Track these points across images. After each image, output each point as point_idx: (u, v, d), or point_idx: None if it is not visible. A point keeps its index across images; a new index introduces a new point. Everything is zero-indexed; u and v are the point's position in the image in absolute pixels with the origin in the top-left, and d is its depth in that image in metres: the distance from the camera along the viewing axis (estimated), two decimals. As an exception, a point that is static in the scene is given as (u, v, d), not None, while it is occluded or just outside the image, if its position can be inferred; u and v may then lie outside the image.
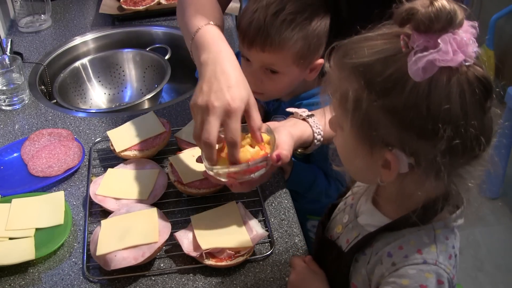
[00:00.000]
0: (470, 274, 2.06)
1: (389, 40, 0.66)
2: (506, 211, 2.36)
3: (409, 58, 0.63)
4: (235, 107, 0.87)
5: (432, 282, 0.70)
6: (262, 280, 0.91)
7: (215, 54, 0.93)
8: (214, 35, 0.97)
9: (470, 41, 0.63)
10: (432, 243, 0.72)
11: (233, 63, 0.92)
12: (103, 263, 0.91)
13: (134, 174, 1.10)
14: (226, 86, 0.88)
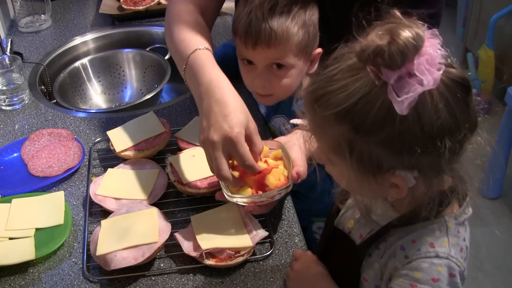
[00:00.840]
0: (470, 274, 2.05)
1: (357, 76, 0.65)
2: (506, 211, 2.36)
3: (390, 95, 0.62)
4: (235, 134, 0.88)
5: (444, 275, 0.71)
6: (262, 280, 0.91)
7: (207, 86, 0.94)
8: (203, 62, 0.99)
9: (437, 52, 0.63)
10: (444, 237, 0.73)
11: (226, 90, 0.93)
12: (103, 263, 0.91)
13: (134, 174, 1.10)
14: (222, 116, 0.89)
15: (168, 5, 1.18)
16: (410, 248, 0.74)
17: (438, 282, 0.71)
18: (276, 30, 1.01)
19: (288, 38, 1.02)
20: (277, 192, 0.92)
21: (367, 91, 0.63)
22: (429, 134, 0.63)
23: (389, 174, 0.68)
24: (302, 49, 1.05)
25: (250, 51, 1.05)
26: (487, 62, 2.71)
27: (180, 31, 1.09)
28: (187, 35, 1.07)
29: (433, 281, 0.71)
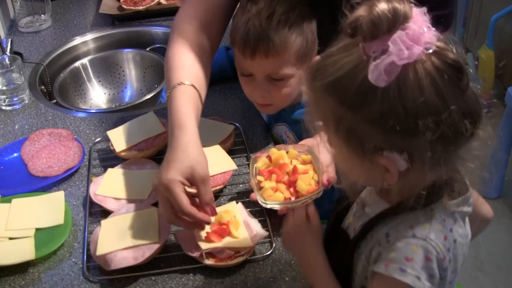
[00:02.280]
0: (470, 274, 2.06)
1: (349, 52, 0.66)
2: (506, 211, 2.36)
3: (369, 66, 0.62)
4: (166, 182, 0.87)
5: (418, 256, 0.70)
6: (262, 280, 0.91)
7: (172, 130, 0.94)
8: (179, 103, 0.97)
9: (424, 29, 0.62)
10: (427, 222, 0.72)
11: (184, 138, 0.92)
12: (103, 263, 0.91)
13: (134, 174, 1.10)
14: (166, 162, 0.90)
15: (173, 22, 1.14)
16: (393, 233, 0.74)
17: (411, 261, 0.70)
18: (274, 40, 1.01)
19: (286, 48, 1.02)
20: (308, 198, 0.91)
21: (354, 65, 0.64)
22: (411, 111, 0.62)
23: (378, 156, 0.67)
24: (301, 57, 1.05)
25: (248, 61, 1.04)
26: (487, 62, 2.71)
27: (174, 55, 1.06)
28: (179, 62, 1.05)
29: (405, 260, 0.70)
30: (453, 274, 0.77)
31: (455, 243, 0.74)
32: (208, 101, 1.36)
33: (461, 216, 0.76)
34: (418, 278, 0.69)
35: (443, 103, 0.63)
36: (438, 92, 0.63)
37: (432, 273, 0.70)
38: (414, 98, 0.62)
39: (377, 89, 0.62)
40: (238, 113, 1.31)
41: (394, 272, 0.70)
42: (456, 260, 0.75)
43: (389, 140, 0.65)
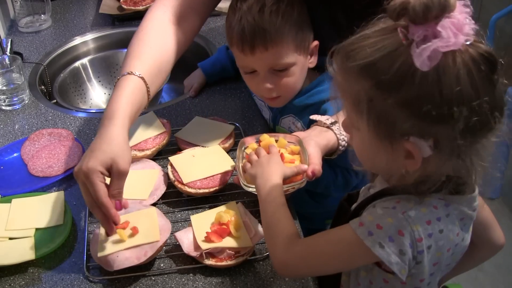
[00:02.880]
0: (470, 274, 2.06)
1: (387, 35, 0.67)
2: (506, 211, 2.36)
3: (412, 51, 0.63)
4: (85, 170, 0.88)
5: (390, 227, 0.71)
6: (262, 280, 0.91)
7: (103, 117, 0.95)
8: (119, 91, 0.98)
9: (466, 20, 0.64)
10: (414, 202, 0.73)
11: (111, 128, 0.93)
12: (105, 263, 0.91)
13: (134, 174, 1.10)
14: (89, 151, 0.91)
15: (148, 8, 1.16)
16: (379, 204, 0.75)
17: (380, 230, 0.71)
18: (270, 31, 1.01)
19: (282, 37, 1.02)
20: (290, 187, 0.93)
21: (393, 48, 0.65)
22: (446, 98, 0.64)
23: (403, 141, 0.68)
24: (299, 44, 1.06)
25: (249, 58, 1.05)
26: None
27: (137, 41, 1.08)
28: (138, 50, 1.06)
29: (376, 227, 0.72)
30: (436, 266, 0.76)
31: (440, 233, 0.73)
32: (208, 101, 1.36)
33: (459, 216, 0.76)
34: (380, 246, 0.71)
35: (476, 94, 0.64)
36: (473, 83, 0.64)
37: (402, 249, 0.71)
38: (450, 85, 0.63)
39: (416, 74, 0.63)
40: (238, 113, 1.31)
41: (362, 233, 0.72)
42: (441, 253, 0.75)
43: (419, 125, 0.66)
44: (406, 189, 0.74)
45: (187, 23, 1.14)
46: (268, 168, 0.91)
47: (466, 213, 0.76)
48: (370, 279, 0.82)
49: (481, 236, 0.91)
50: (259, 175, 0.91)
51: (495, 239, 0.93)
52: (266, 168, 0.91)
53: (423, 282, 0.77)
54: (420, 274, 0.75)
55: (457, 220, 0.76)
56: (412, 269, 0.74)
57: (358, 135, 0.75)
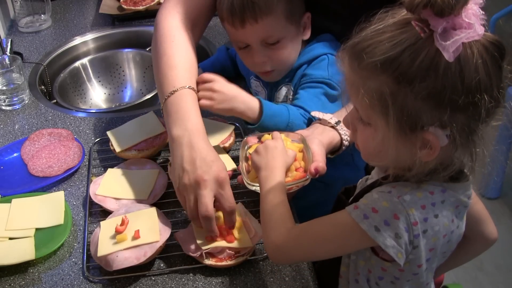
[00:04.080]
0: (470, 274, 2.06)
1: (403, 29, 0.67)
2: (506, 211, 2.36)
3: (437, 43, 0.64)
4: (224, 176, 0.90)
5: (385, 211, 0.72)
6: (262, 280, 0.91)
7: (190, 132, 0.93)
8: (188, 104, 0.98)
9: (479, 10, 0.65)
10: (412, 188, 0.74)
11: (207, 140, 0.95)
12: (105, 263, 0.91)
13: (134, 174, 1.10)
14: (210, 161, 0.90)
15: (157, 18, 1.12)
16: (376, 189, 0.76)
17: (375, 213, 0.73)
18: (259, 3, 1.02)
19: (272, 8, 1.03)
20: (294, 184, 0.93)
21: (413, 42, 0.66)
22: (468, 87, 0.65)
23: (423, 132, 0.69)
24: (290, 16, 1.06)
25: (240, 31, 1.06)
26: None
27: (166, 56, 1.04)
28: (176, 63, 1.03)
29: (371, 211, 0.73)
30: (432, 252, 0.77)
31: (436, 218, 0.74)
32: (208, 101, 1.36)
33: (454, 203, 0.77)
34: (376, 229, 0.72)
35: (489, 82, 0.66)
36: (487, 71, 0.66)
37: (398, 233, 0.72)
38: (471, 75, 0.65)
39: (439, 65, 0.65)
40: (238, 113, 1.31)
41: (357, 216, 0.73)
42: (437, 238, 0.76)
43: (438, 115, 0.67)
44: (405, 178, 0.75)
45: (198, 28, 1.15)
46: (272, 160, 0.90)
47: (461, 200, 0.78)
48: (369, 268, 0.83)
49: (473, 229, 0.92)
50: (263, 167, 0.90)
51: (488, 233, 0.94)
52: (270, 160, 0.90)
53: (420, 268, 0.78)
54: (417, 259, 0.76)
55: (452, 207, 0.77)
56: (410, 254, 0.75)
57: (367, 131, 0.74)
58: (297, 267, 0.93)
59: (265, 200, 0.86)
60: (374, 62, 0.68)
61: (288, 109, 1.07)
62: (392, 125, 0.70)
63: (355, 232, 0.74)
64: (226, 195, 0.90)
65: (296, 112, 1.08)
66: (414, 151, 0.71)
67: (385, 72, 0.67)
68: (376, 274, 0.82)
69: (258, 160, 0.92)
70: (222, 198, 0.90)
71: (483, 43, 0.66)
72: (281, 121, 1.06)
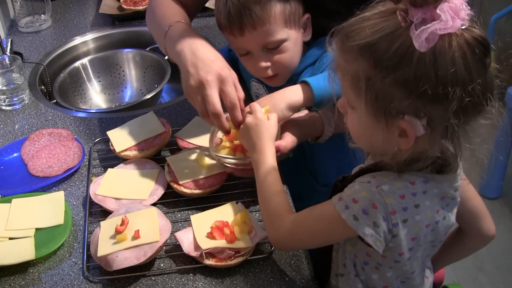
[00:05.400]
0: (470, 274, 2.06)
1: (386, 17, 0.70)
2: (506, 211, 2.36)
3: (411, 32, 0.66)
4: (226, 74, 0.95)
5: (364, 201, 0.75)
6: (262, 280, 0.91)
7: (190, 42, 1.00)
8: (185, 29, 1.06)
9: (463, 5, 0.67)
10: (390, 177, 0.76)
11: (208, 46, 1.00)
12: (105, 263, 0.91)
13: (134, 174, 1.10)
14: (210, 61, 0.96)
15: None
16: (359, 178, 0.79)
17: (355, 203, 0.76)
18: (255, 10, 1.02)
19: (269, 14, 1.03)
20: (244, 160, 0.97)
21: (392, 30, 0.68)
22: (442, 79, 0.66)
23: (398, 120, 0.70)
24: (288, 19, 1.06)
25: (239, 39, 1.06)
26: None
27: (161, 11, 1.15)
28: (168, 13, 1.13)
29: (352, 201, 0.76)
30: (415, 241, 0.79)
31: (416, 207, 0.76)
32: (208, 101, 1.36)
33: (439, 194, 0.78)
34: (355, 218, 0.75)
35: (469, 76, 0.67)
36: (466, 65, 0.67)
37: (376, 222, 0.74)
38: (446, 67, 0.66)
39: (414, 54, 0.66)
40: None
41: (340, 207, 0.77)
42: (419, 227, 0.77)
43: (414, 104, 0.69)
44: (388, 166, 0.76)
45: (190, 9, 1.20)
46: (258, 140, 0.93)
47: (446, 192, 0.79)
48: (355, 253, 0.85)
49: (471, 225, 0.94)
50: (252, 149, 0.94)
51: (485, 229, 0.95)
52: (256, 141, 0.93)
53: (402, 256, 0.80)
54: (397, 247, 0.78)
55: (436, 197, 0.78)
56: (390, 243, 0.77)
57: (354, 114, 0.77)
58: (297, 267, 0.93)
59: (261, 190, 0.90)
60: (355, 45, 0.70)
61: None
62: (365, 108, 0.72)
63: (339, 223, 0.77)
64: (227, 91, 0.95)
65: None
66: (391, 138, 0.73)
67: (363, 56, 0.70)
68: (361, 259, 0.84)
69: (246, 144, 0.95)
70: (224, 94, 0.95)
71: (466, 38, 0.67)
72: None
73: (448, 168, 0.77)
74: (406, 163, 0.74)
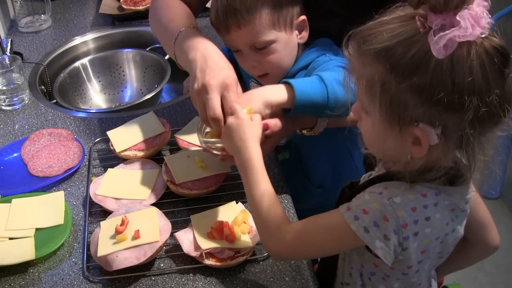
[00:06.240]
0: (470, 274, 2.06)
1: (405, 22, 0.68)
2: (506, 211, 2.36)
3: (429, 38, 0.65)
4: (230, 82, 0.94)
5: (375, 212, 0.73)
6: (262, 280, 0.91)
7: (202, 51, 0.99)
8: (196, 35, 1.04)
9: (484, 13, 0.65)
10: (404, 190, 0.74)
11: (221, 55, 0.99)
12: (105, 263, 0.91)
13: (134, 174, 1.10)
14: (218, 69, 0.95)
15: None
16: (369, 188, 0.77)
17: (366, 215, 0.74)
18: (240, 10, 1.02)
19: (254, 15, 1.02)
20: None
21: (410, 35, 0.67)
22: (458, 88, 0.65)
23: (412, 127, 0.69)
24: (277, 21, 1.05)
25: (227, 37, 1.07)
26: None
27: (167, 13, 1.13)
28: (175, 16, 1.12)
29: (362, 212, 0.74)
30: (424, 254, 0.77)
31: (427, 220, 0.74)
32: (208, 101, 1.36)
33: (449, 206, 0.77)
34: (366, 230, 0.73)
35: (486, 86, 0.65)
36: (484, 75, 0.65)
37: (387, 234, 0.73)
38: (463, 75, 0.65)
39: (431, 61, 0.65)
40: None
41: (349, 217, 0.75)
42: (429, 240, 0.76)
43: (429, 112, 0.67)
44: (400, 175, 0.75)
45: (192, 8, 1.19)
46: (241, 142, 0.89)
47: (457, 204, 0.77)
48: (362, 263, 0.84)
49: (475, 234, 0.93)
50: (236, 152, 0.90)
51: (490, 239, 0.95)
52: (239, 142, 0.89)
53: (411, 269, 0.79)
54: (407, 260, 0.77)
55: (447, 210, 0.76)
56: (399, 255, 0.76)
57: (367, 119, 0.75)
58: (297, 267, 0.93)
59: (252, 198, 0.86)
60: (372, 49, 0.69)
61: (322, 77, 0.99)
62: (379, 114, 0.71)
63: (348, 233, 0.75)
64: (229, 98, 0.94)
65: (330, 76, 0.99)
66: (405, 146, 0.71)
67: (380, 60, 0.68)
68: (368, 269, 0.83)
69: (229, 146, 0.93)
70: (225, 100, 0.94)
71: (485, 47, 0.66)
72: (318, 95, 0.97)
73: (460, 179, 0.76)
74: (419, 172, 0.73)
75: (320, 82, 0.95)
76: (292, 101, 0.95)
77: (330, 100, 0.94)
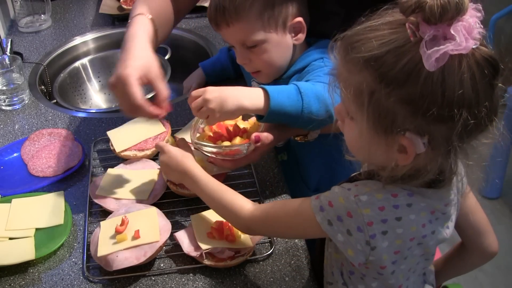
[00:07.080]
0: (470, 274, 2.05)
1: (395, 30, 0.66)
2: (506, 211, 2.36)
3: (421, 50, 0.63)
4: (124, 75, 0.95)
5: (340, 207, 0.74)
6: (262, 280, 0.91)
7: (125, 39, 1.03)
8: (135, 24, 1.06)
9: (477, 24, 0.64)
10: (372, 188, 0.74)
11: (136, 42, 1.02)
12: (105, 263, 0.91)
13: (134, 174, 1.10)
14: (122, 61, 0.98)
15: None
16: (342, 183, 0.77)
17: (331, 207, 0.75)
18: (229, 8, 1.03)
19: (242, 14, 1.03)
20: (235, 148, 0.97)
21: (400, 44, 0.65)
22: (448, 100, 0.64)
23: (399, 136, 0.68)
24: (267, 22, 1.04)
25: (219, 32, 1.09)
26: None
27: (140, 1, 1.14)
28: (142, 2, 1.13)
29: (328, 204, 0.75)
30: (398, 255, 0.76)
31: (398, 220, 0.73)
32: (208, 101, 1.36)
33: (427, 208, 0.75)
34: (329, 223, 0.74)
35: (476, 98, 0.65)
36: (474, 88, 0.64)
37: (350, 229, 0.73)
38: (453, 88, 0.64)
39: (421, 72, 0.63)
40: (238, 113, 1.31)
41: (315, 206, 0.76)
42: (402, 241, 0.75)
43: (417, 122, 0.66)
44: (379, 177, 0.74)
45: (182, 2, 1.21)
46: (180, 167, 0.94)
47: (435, 206, 0.76)
48: (342, 261, 0.85)
49: (472, 240, 0.92)
50: (179, 178, 0.96)
51: (486, 245, 0.93)
52: (179, 169, 0.94)
53: (385, 269, 0.77)
54: (378, 260, 0.75)
55: (424, 211, 0.75)
56: (369, 256, 0.75)
57: (352, 125, 0.74)
58: (297, 267, 0.93)
59: (210, 198, 0.90)
60: (360, 57, 0.67)
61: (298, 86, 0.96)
62: (366, 123, 0.70)
63: (313, 223, 0.76)
64: (127, 93, 0.95)
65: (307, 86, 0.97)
66: (390, 153, 0.70)
67: (368, 69, 0.67)
68: (347, 267, 0.83)
69: (175, 178, 0.99)
70: (127, 97, 0.95)
71: (476, 59, 0.64)
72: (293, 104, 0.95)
73: (440, 183, 0.75)
74: (404, 178, 0.72)
75: (297, 95, 0.93)
76: (266, 110, 0.92)
77: (304, 114, 0.93)
